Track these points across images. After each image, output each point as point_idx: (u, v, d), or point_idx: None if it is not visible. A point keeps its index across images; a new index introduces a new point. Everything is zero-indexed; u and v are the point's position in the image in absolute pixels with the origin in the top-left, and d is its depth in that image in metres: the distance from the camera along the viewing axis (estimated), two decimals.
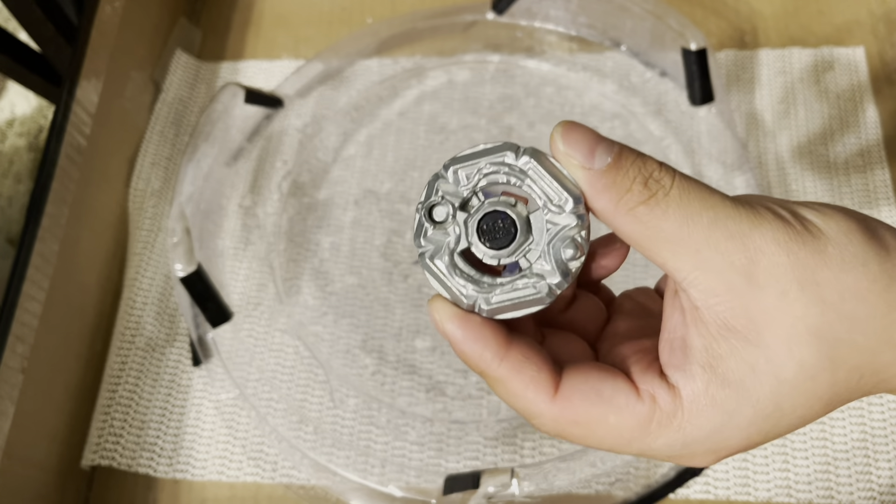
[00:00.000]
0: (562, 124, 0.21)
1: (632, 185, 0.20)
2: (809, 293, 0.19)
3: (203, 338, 0.47)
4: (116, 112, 0.53)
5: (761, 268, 0.19)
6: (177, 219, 0.47)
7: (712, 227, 0.19)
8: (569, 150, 0.20)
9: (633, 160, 0.20)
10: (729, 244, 0.19)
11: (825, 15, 0.59)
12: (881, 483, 0.43)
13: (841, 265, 0.19)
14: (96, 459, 0.47)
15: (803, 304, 0.19)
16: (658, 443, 0.21)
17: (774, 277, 0.19)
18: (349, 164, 0.56)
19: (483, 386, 0.48)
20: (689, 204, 0.19)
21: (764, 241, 0.19)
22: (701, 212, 0.19)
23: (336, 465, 0.45)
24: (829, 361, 0.19)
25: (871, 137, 0.54)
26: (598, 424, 0.21)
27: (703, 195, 0.20)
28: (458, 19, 0.58)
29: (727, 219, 0.19)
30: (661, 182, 0.20)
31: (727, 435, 0.20)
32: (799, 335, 0.19)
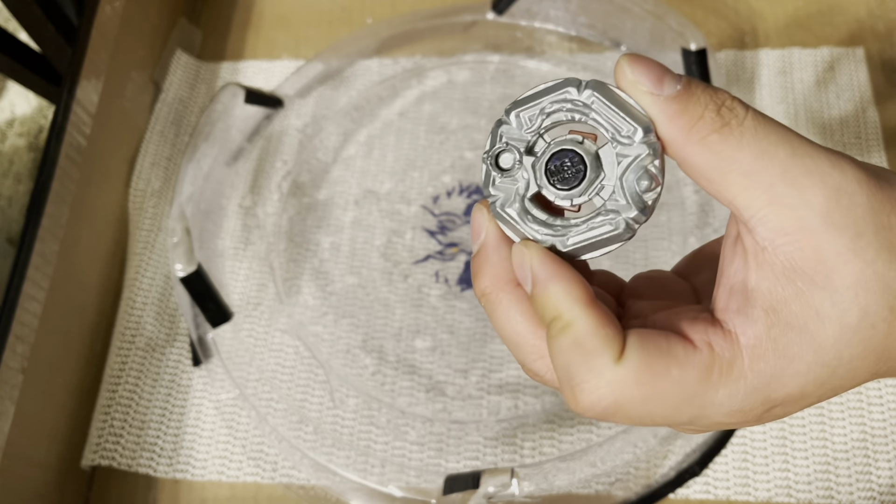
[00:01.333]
0: (626, 55, 0.20)
1: (704, 111, 0.19)
2: (882, 238, 0.18)
3: (203, 338, 0.47)
4: (116, 112, 0.53)
5: (840, 207, 0.18)
6: (177, 219, 0.47)
7: (790, 162, 0.18)
8: (637, 77, 0.20)
9: (703, 87, 0.19)
10: (807, 180, 0.18)
11: (825, 15, 0.59)
12: (881, 483, 0.43)
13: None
14: (96, 459, 0.47)
15: (875, 248, 0.18)
16: (719, 395, 0.19)
17: (852, 219, 0.18)
18: (349, 164, 0.56)
19: (483, 385, 0.48)
20: (765, 136, 0.19)
21: (845, 181, 0.18)
22: (778, 145, 0.19)
23: (336, 465, 0.45)
24: (890, 311, 0.19)
25: (871, 137, 0.54)
26: (661, 379, 0.19)
27: (780, 129, 0.19)
28: (458, 19, 0.58)
29: (806, 155, 0.19)
30: (734, 111, 0.19)
31: (786, 382, 0.19)
32: (867, 281, 0.18)
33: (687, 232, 0.51)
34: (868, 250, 0.18)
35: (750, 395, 0.19)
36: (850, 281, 0.19)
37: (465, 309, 0.50)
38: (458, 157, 0.56)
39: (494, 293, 0.21)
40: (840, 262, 0.18)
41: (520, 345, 0.22)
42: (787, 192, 0.19)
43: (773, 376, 0.19)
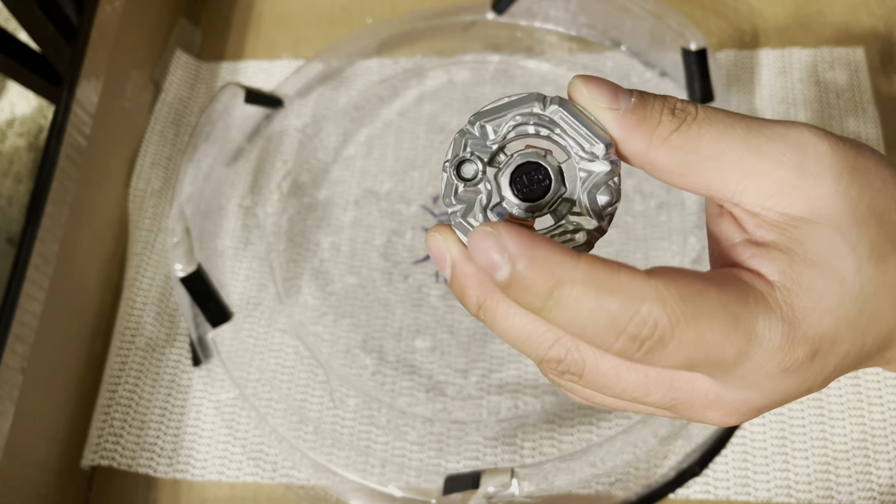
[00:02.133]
0: (579, 76, 0.21)
1: (661, 116, 0.20)
2: (859, 177, 0.19)
3: (203, 338, 0.47)
4: (116, 112, 0.53)
5: (809, 158, 0.19)
6: (177, 219, 0.47)
7: (749, 135, 0.20)
8: (594, 95, 0.20)
9: (655, 96, 0.20)
10: (770, 145, 0.19)
11: (825, 15, 0.59)
12: (881, 483, 0.43)
13: (878, 156, 0.20)
14: (96, 459, 0.47)
15: (858, 186, 0.19)
16: (759, 324, 0.18)
17: (825, 164, 0.19)
18: (349, 164, 0.56)
19: (482, 385, 0.48)
20: (720, 121, 0.20)
21: (803, 136, 0.20)
22: (734, 125, 0.20)
23: (336, 465, 0.45)
24: (893, 245, 0.20)
25: (871, 137, 0.54)
26: (702, 297, 0.18)
27: (730, 114, 0.20)
28: (458, 19, 0.58)
29: (761, 125, 0.20)
30: (686, 110, 0.20)
31: (820, 318, 0.19)
32: (863, 215, 0.19)
33: (687, 232, 0.51)
34: (851, 189, 0.19)
35: (789, 330, 0.19)
36: (848, 217, 0.19)
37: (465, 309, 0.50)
38: None
39: (488, 300, 0.21)
40: (832, 203, 0.19)
41: (531, 338, 0.21)
42: (756, 161, 0.19)
43: (806, 310, 0.19)
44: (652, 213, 0.52)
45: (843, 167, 0.19)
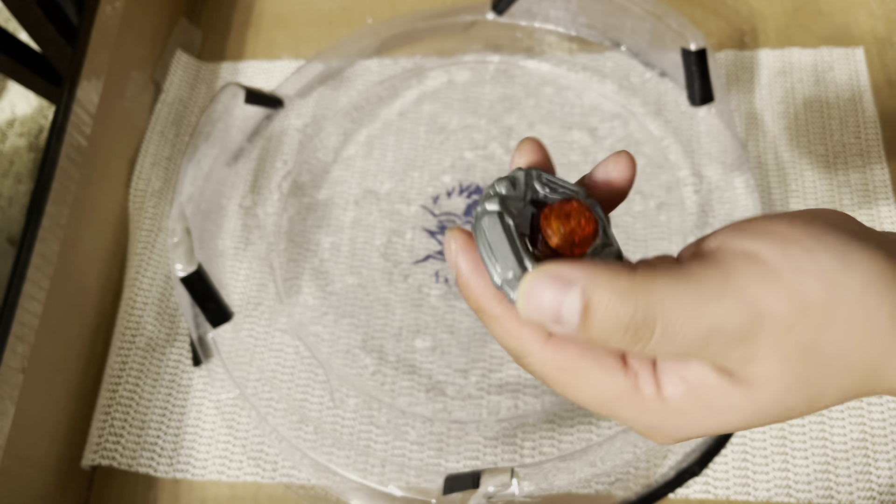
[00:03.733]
0: (523, 287, 0.20)
1: (610, 336, 0.20)
2: (809, 356, 0.20)
3: (203, 338, 0.47)
4: (117, 112, 0.53)
5: (762, 349, 0.20)
6: (177, 219, 0.47)
7: (708, 345, 0.20)
8: (532, 319, 0.20)
9: (602, 313, 0.19)
10: (727, 349, 0.20)
11: (825, 15, 0.59)
12: (881, 483, 0.43)
13: (847, 323, 0.19)
14: (97, 459, 0.47)
15: (802, 364, 0.20)
16: (624, 413, 0.22)
17: (776, 353, 0.20)
18: (349, 164, 0.56)
19: (482, 385, 0.48)
20: (676, 339, 0.20)
21: (764, 332, 0.19)
22: (691, 342, 0.20)
23: (336, 464, 0.45)
24: (810, 404, 0.21)
25: (871, 137, 0.54)
26: (582, 376, 0.21)
27: (690, 321, 0.19)
28: (458, 19, 0.58)
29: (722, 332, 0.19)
30: (642, 332, 0.20)
31: (687, 433, 0.22)
32: (791, 389, 0.20)
33: (687, 232, 0.51)
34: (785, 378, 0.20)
35: (651, 428, 0.22)
36: (771, 395, 0.20)
37: (465, 309, 0.50)
38: (458, 157, 0.56)
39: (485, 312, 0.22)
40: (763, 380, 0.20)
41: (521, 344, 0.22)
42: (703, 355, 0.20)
43: (677, 427, 0.22)
44: (652, 213, 0.52)
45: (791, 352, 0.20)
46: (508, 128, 0.56)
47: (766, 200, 0.52)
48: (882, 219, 0.51)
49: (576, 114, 0.56)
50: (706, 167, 0.53)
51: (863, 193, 0.52)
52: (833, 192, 0.52)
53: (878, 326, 0.19)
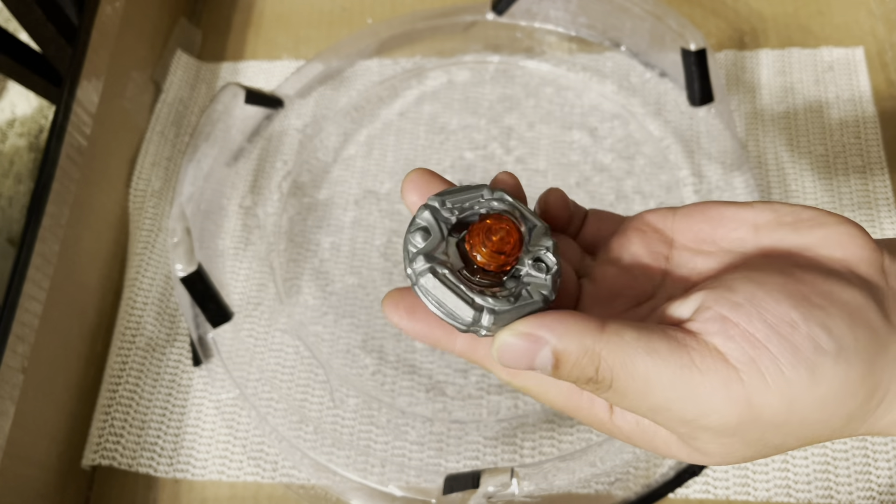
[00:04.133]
0: (497, 346, 0.22)
1: (579, 383, 0.22)
2: (754, 447, 0.21)
3: (203, 338, 0.47)
4: (117, 112, 0.53)
5: (705, 436, 0.21)
6: (177, 219, 0.47)
7: (654, 415, 0.21)
8: (508, 366, 0.22)
9: (569, 369, 0.21)
10: (671, 423, 0.21)
11: (825, 15, 0.59)
12: (880, 483, 0.43)
13: (798, 427, 0.20)
14: (97, 459, 0.47)
15: (745, 450, 0.21)
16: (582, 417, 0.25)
17: (719, 442, 0.21)
18: (349, 164, 0.56)
19: (482, 385, 0.48)
20: (625, 400, 0.21)
21: (710, 425, 0.20)
22: (637, 407, 0.21)
23: (336, 464, 0.45)
24: (753, 458, 0.22)
25: (871, 137, 0.54)
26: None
27: (639, 394, 0.21)
28: (458, 20, 0.58)
29: (669, 411, 0.20)
30: (598, 385, 0.21)
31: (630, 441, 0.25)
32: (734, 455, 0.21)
33: None
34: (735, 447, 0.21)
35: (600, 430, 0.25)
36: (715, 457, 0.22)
37: None
38: (458, 157, 0.56)
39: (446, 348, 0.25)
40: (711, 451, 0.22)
41: None
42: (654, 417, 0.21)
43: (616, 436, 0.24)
44: None
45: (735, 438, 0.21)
46: (508, 128, 0.56)
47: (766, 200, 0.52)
48: (882, 219, 0.51)
49: (576, 114, 0.56)
50: (706, 167, 0.53)
51: (863, 193, 0.52)
52: (833, 192, 0.52)
53: (828, 428, 0.20)
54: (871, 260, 0.21)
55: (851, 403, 0.20)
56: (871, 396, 0.20)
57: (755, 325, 0.20)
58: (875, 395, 0.20)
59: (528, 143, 0.56)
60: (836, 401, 0.20)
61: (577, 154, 0.55)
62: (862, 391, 0.20)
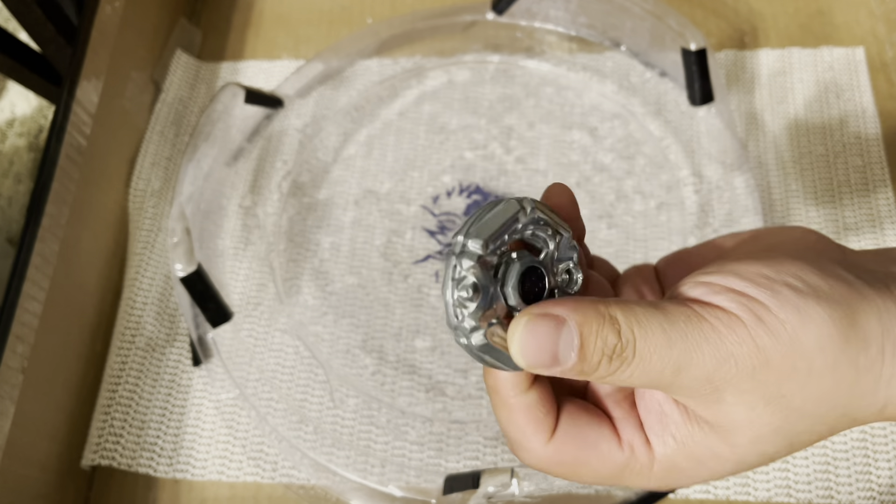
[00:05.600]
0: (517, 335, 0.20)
1: (598, 365, 0.21)
2: (774, 406, 0.21)
3: (203, 338, 0.47)
4: (116, 112, 0.53)
5: (727, 393, 0.21)
6: (177, 219, 0.47)
7: (677, 376, 0.20)
8: (530, 364, 0.20)
9: (594, 342, 0.20)
10: (696, 384, 0.21)
11: (825, 15, 0.59)
12: (881, 483, 0.43)
13: (806, 377, 0.20)
14: (96, 459, 0.47)
15: (770, 414, 0.21)
16: (631, 482, 0.24)
17: (741, 398, 0.21)
18: (349, 164, 0.56)
19: (482, 385, 0.48)
20: (651, 365, 0.20)
21: (728, 375, 0.20)
22: (663, 368, 0.20)
23: (336, 464, 0.45)
24: (788, 447, 0.22)
25: (871, 137, 0.54)
26: (581, 466, 0.23)
27: (663, 349, 0.20)
28: (458, 19, 0.58)
29: (689, 364, 0.20)
30: (623, 355, 0.20)
31: (684, 484, 0.24)
32: (765, 436, 0.21)
33: (687, 232, 0.51)
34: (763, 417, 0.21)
35: (659, 486, 0.24)
36: (749, 438, 0.21)
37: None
38: (458, 157, 0.56)
39: (499, 396, 0.24)
40: (739, 427, 0.21)
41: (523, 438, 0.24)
42: (680, 390, 0.21)
43: (674, 481, 0.24)
44: (652, 213, 0.52)
45: (759, 399, 0.21)
46: (508, 128, 0.56)
47: (766, 200, 0.52)
48: (882, 219, 0.51)
49: (576, 114, 0.56)
50: (706, 167, 0.53)
51: (863, 193, 0.52)
52: (833, 192, 0.52)
53: (837, 380, 0.20)
54: (832, 245, 0.23)
55: (849, 349, 0.20)
56: (866, 346, 0.20)
57: (733, 282, 0.21)
58: (870, 348, 0.20)
59: (528, 143, 0.56)
60: (832, 342, 0.20)
61: (577, 154, 0.55)
62: (853, 335, 0.20)
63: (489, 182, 0.54)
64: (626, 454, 0.23)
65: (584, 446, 0.23)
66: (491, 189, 0.54)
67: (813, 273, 0.21)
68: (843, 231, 0.51)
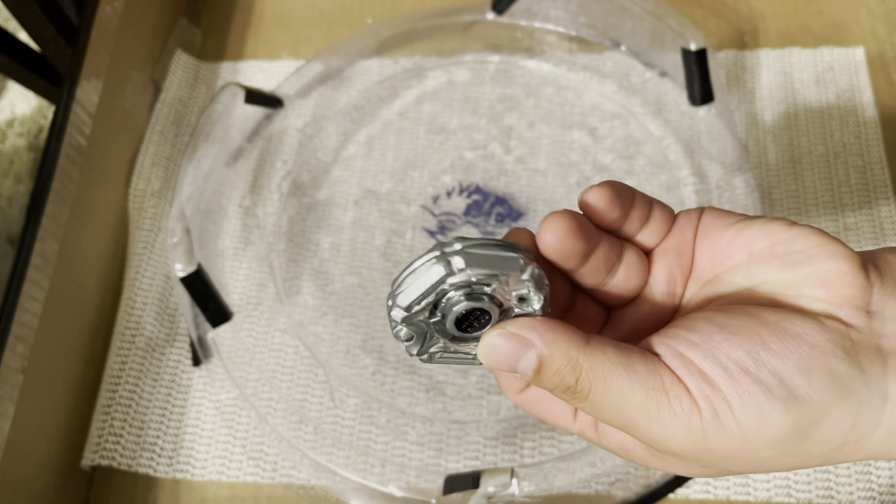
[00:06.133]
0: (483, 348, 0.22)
1: (553, 390, 0.22)
2: (710, 468, 0.22)
3: (203, 338, 0.47)
4: (116, 112, 0.53)
5: (670, 454, 0.22)
6: (177, 219, 0.47)
7: (624, 428, 0.22)
8: (492, 367, 0.22)
9: (551, 376, 0.21)
10: (640, 437, 0.22)
11: (825, 15, 0.59)
12: (881, 483, 0.43)
13: (750, 462, 0.21)
14: (96, 459, 0.47)
15: (706, 470, 0.23)
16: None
17: (682, 457, 0.22)
18: (349, 164, 0.56)
19: (482, 385, 0.48)
20: (600, 412, 0.22)
21: (671, 445, 0.21)
22: (610, 420, 0.22)
23: (336, 465, 0.45)
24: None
25: (871, 137, 0.54)
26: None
27: (614, 409, 0.21)
28: (458, 19, 0.58)
29: (636, 429, 0.21)
30: (576, 395, 0.22)
31: None
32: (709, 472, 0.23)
33: None
34: None
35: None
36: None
37: None
38: (458, 157, 0.56)
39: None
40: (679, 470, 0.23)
41: None
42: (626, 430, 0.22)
43: None
44: None
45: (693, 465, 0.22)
46: (508, 128, 0.56)
47: (766, 200, 0.52)
48: (882, 219, 0.51)
49: (576, 114, 0.56)
50: (706, 167, 0.53)
51: (863, 193, 0.52)
52: (833, 192, 0.52)
53: (787, 464, 0.21)
54: (855, 300, 0.21)
55: (805, 446, 0.21)
56: (829, 439, 0.20)
57: (709, 365, 0.21)
58: (836, 438, 0.20)
59: (528, 143, 0.56)
60: (787, 443, 0.20)
61: (578, 154, 0.55)
62: (815, 436, 0.20)
63: (489, 182, 0.54)
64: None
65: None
66: (491, 189, 0.54)
67: (797, 369, 0.20)
68: (844, 231, 0.51)
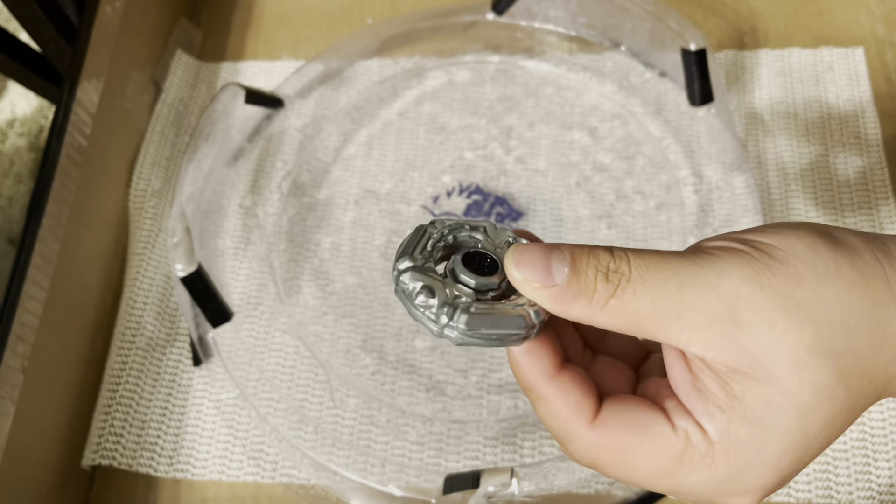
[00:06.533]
0: (511, 252, 0.21)
1: (595, 284, 0.20)
2: (796, 317, 0.19)
3: (203, 338, 0.47)
4: (117, 112, 0.53)
5: (742, 309, 0.20)
6: (177, 219, 0.47)
7: (682, 291, 0.20)
8: (525, 276, 0.21)
9: (587, 259, 0.21)
10: (703, 299, 0.20)
11: (825, 15, 0.59)
12: (880, 483, 0.43)
13: (816, 281, 0.20)
14: (97, 459, 0.47)
15: (795, 328, 0.19)
16: (689, 479, 0.21)
17: (758, 314, 0.20)
18: (349, 164, 0.56)
19: (482, 385, 0.48)
20: (651, 279, 0.20)
21: (734, 285, 0.20)
22: (666, 281, 0.20)
23: (336, 464, 0.45)
24: (839, 377, 0.20)
25: (871, 137, 0.54)
26: (634, 452, 0.21)
27: (661, 264, 0.20)
28: (458, 19, 0.58)
29: (692, 277, 0.20)
30: (619, 271, 0.20)
31: (759, 473, 0.21)
32: (803, 360, 0.19)
33: (687, 232, 0.51)
34: (789, 332, 0.19)
35: (721, 484, 0.21)
36: (787, 366, 0.19)
37: None
38: (458, 157, 0.56)
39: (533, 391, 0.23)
40: (769, 354, 0.20)
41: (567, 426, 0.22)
42: (693, 317, 0.20)
43: (743, 469, 0.20)
44: (652, 213, 0.52)
45: (777, 311, 0.19)
46: (508, 128, 0.56)
47: (766, 200, 0.52)
48: (882, 219, 0.51)
49: (576, 114, 0.56)
50: (706, 167, 0.53)
51: (863, 193, 0.52)
52: (833, 192, 0.52)
53: (848, 282, 0.20)
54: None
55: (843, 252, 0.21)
56: (858, 253, 0.20)
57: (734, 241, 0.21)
58: (864, 255, 0.21)
59: (528, 143, 0.56)
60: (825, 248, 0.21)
61: (577, 154, 0.55)
62: (840, 245, 0.21)
63: (489, 182, 0.54)
64: (682, 440, 0.21)
65: (634, 427, 0.21)
66: (491, 189, 0.54)
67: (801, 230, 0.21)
68: None
